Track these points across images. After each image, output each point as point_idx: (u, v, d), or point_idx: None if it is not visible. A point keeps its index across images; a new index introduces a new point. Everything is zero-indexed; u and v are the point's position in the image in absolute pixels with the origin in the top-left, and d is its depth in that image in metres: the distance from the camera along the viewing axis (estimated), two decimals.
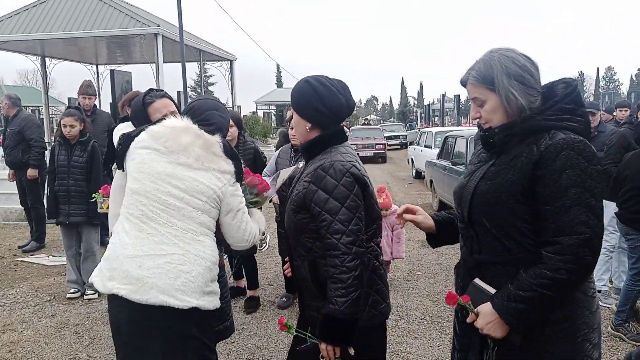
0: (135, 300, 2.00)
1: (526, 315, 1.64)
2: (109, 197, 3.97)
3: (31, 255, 6.89)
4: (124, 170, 2.29)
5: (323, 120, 2.04)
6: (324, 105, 2.01)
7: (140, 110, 2.59)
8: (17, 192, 7.41)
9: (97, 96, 6.94)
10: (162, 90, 2.80)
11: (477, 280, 1.76)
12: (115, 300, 2.08)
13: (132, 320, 2.06)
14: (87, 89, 6.61)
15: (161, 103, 2.61)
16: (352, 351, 1.95)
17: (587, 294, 1.72)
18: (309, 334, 1.99)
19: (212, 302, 2.15)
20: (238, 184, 2.26)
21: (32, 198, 7.11)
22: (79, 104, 6.33)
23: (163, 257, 2.05)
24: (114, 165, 2.61)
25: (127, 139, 2.24)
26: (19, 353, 3.98)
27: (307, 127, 2.07)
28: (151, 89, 2.76)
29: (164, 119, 2.27)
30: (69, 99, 16.64)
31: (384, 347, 2.20)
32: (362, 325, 1.98)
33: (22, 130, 6.86)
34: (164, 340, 2.06)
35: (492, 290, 1.72)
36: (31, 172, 6.90)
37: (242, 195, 2.30)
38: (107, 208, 3.99)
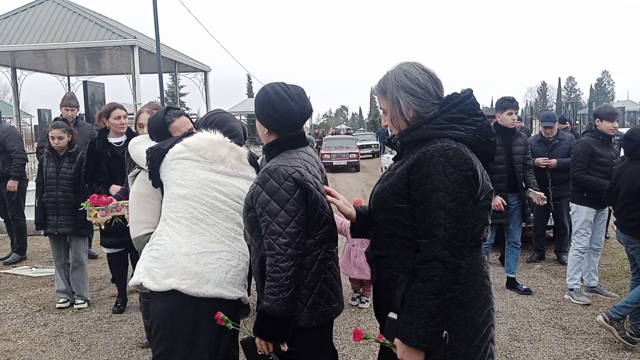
0: (193, 294, 2.23)
1: (425, 331, 1.71)
2: (96, 206, 4.10)
3: (13, 267, 6.86)
4: (155, 183, 2.47)
5: (277, 125, 2.18)
6: (275, 112, 2.15)
7: (161, 127, 2.75)
8: None
9: (79, 107, 6.96)
10: (179, 109, 2.97)
11: (391, 314, 1.85)
12: (167, 296, 2.27)
13: (186, 314, 2.27)
14: (70, 101, 6.65)
15: (180, 122, 2.79)
16: (284, 347, 2.07)
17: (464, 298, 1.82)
18: (247, 328, 2.14)
19: (247, 296, 2.41)
20: None
21: (12, 210, 7.08)
22: (61, 115, 6.38)
23: (214, 254, 2.32)
24: (131, 174, 2.76)
25: (160, 151, 2.44)
26: None
27: (265, 132, 2.23)
28: (169, 108, 2.93)
29: (184, 133, 2.53)
30: (39, 110, 16.38)
31: (328, 349, 2.29)
32: (302, 325, 2.08)
33: (3, 142, 6.85)
34: (211, 330, 2.27)
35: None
36: (11, 184, 6.88)
37: None
38: (95, 216, 4.11)
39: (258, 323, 2.06)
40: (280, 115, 2.16)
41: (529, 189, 5.29)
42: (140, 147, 2.66)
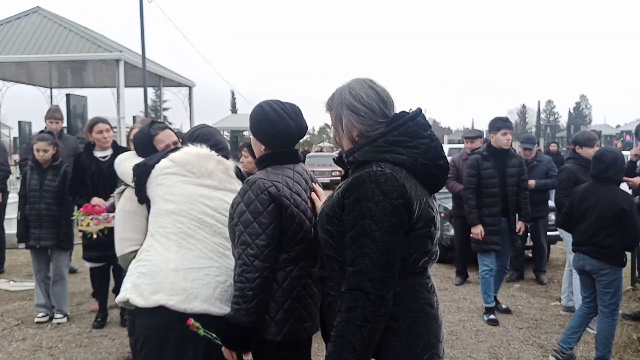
0: (181, 310, 2.22)
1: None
2: (89, 215, 4.11)
3: None
4: (141, 199, 2.48)
5: (275, 142, 2.22)
6: (274, 129, 2.18)
7: (146, 140, 2.80)
8: None
9: (63, 120, 6.93)
10: (163, 123, 3.03)
11: None
12: (154, 312, 2.26)
13: (172, 329, 2.26)
14: (55, 114, 6.64)
15: (164, 135, 2.85)
16: (247, 357, 2.10)
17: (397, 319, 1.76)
18: (215, 336, 2.16)
19: None
20: None
21: None
22: (45, 128, 6.36)
23: (203, 270, 2.31)
24: (117, 191, 2.78)
25: (146, 167, 2.46)
26: None
27: (262, 148, 2.26)
28: (154, 121, 2.99)
29: (171, 148, 2.53)
30: (20, 122, 16.23)
31: None
32: (271, 339, 2.11)
33: None
34: (198, 347, 2.27)
35: None
36: None
37: None
38: (87, 226, 4.12)
39: (224, 332, 2.10)
40: (279, 133, 2.19)
41: (519, 220, 5.24)
42: (126, 164, 2.67)
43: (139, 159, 2.64)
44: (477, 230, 5.03)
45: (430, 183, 1.85)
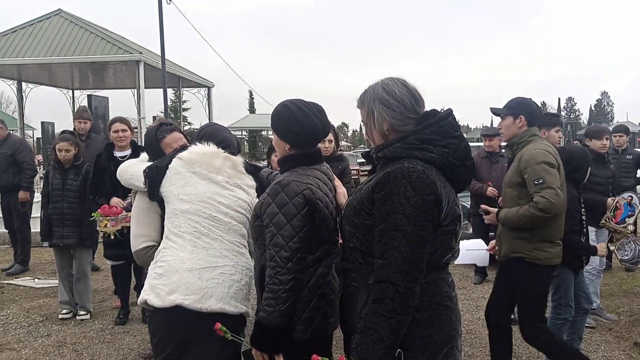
0: (196, 309, 2.25)
1: (375, 352, 1.69)
2: (107, 216, 4.18)
3: (16, 278, 6.90)
4: (154, 198, 2.52)
5: (301, 141, 2.21)
6: (301, 128, 2.17)
7: (153, 144, 2.85)
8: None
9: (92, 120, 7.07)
10: (171, 125, 3.04)
11: None
12: (169, 311, 2.29)
13: (188, 328, 2.29)
14: (83, 114, 6.79)
15: (171, 138, 2.88)
16: (279, 359, 2.10)
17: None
18: (243, 339, 2.17)
19: (250, 311, 2.42)
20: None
21: (19, 221, 7.18)
22: (75, 129, 6.50)
23: (218, 269, 2.33)
24: (133, 191, 2.82)
25: (158, 169, 2.49)
26: None
27: (287, 148, 2.23)
28: (162, 124, 3.00)
29: (179, 148, 2.59)
30: (42, 123, 16.50)
31: None
32: (299, 338, 2.12)
33: (14, 154, 7.03)
34: (213, 346, 2.29)
35: None
36: (23, 195, 7.03)
37: None
38: (105, 227, 4.20)
39: (254, 334, 2.10)
40: (305, 132, 2.19)
41: None
42: (132, 169, 2.68)
43: (143, 164, 2.66)
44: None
45: (456, 182, 1.89)
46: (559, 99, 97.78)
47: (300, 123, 2.18)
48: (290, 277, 2.04)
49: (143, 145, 4.19)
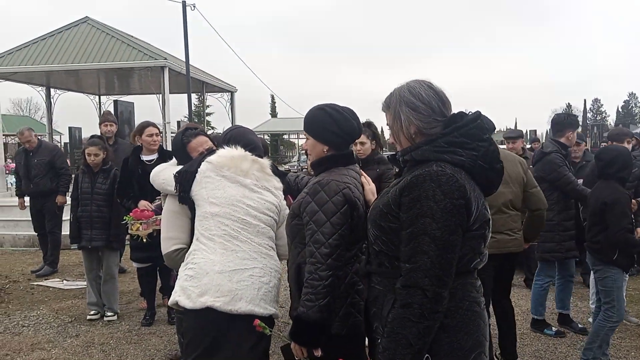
0: (227, 311, 2.30)
1: (403, 358, 1.68)
2: (139, 220, 4.26)
3: (45, 279, 7.07)
4: (184, 202, 2.57)
5: (340, 142, 2.30)
6: (340, 129, 2.27)
7: (180, 148, 2.91)
8: (25, 219, 7.72)
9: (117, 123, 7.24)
10: (196, 129, 3.09)
11: None
12: (200, 313, 2.34)
13: (218, 330, 2.33)
14: (108, 117, 7.03)
15: (197, 142, 2.94)
16: (317, 353, 2.13)
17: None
18: (283, 335, 2.20)
19: (278, 312, 2.46)
20: None
21: (52, 224, 7.42)
22: (101, 133, 6.65)
23: (247, 271, 2.38)
24: (163, 194, 2.88)
25: (188, 173, 2.54)
26: None
27: (325, 150, 2.31)
28: (187, 129, 3.05)
29: (207, 152, 2.65)
30: (70, 128, 16.86)
31: (359, 356, 2.33)
32: (335, 333, 2.18)
33: (52, 160, 7.33)
34: (243, 347, 2.33)
35: None
36: (61, 199, 7.32)
37: None
38: (137, 230, 4.28)
39: (294, 328, 2.14)
40: (345, 133, 2.29)
41: None
42: (164, 174, 2.75)
43: (173, 168, 2.71)
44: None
45: (485, 186, 1.86)
46: (585, 100, 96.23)
47: (339, 124, 2.27)
48: (330, 273, 2.10)
49: (169, 149, 4.28)
